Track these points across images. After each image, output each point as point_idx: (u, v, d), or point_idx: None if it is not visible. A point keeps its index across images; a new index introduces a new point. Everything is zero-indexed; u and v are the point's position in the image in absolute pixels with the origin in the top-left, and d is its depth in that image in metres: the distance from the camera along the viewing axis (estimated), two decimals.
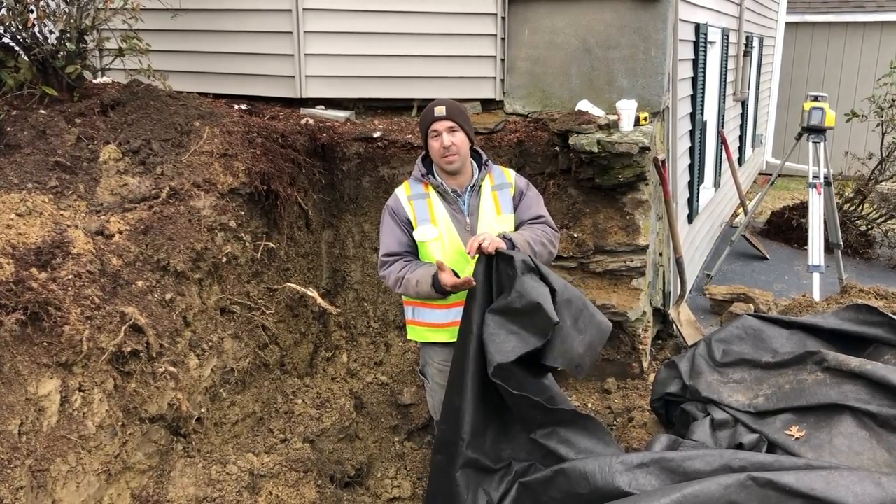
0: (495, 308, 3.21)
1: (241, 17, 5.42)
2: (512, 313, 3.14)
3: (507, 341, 3.10)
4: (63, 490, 2.93)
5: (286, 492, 3.68)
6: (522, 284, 3.12)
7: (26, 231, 3.32)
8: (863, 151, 9.44)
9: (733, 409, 3.62)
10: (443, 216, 3.49)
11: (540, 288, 3.12)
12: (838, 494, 2.57)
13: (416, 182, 3.58)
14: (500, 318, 3.17)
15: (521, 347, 3.07)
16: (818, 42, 14.12)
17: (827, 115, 6.87)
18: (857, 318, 3.90)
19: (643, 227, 5.05)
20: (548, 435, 3.23)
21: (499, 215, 3.55)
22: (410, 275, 3.39)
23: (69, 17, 4.45)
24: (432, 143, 3.44)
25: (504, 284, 3.24)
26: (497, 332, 3.14)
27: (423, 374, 3.83)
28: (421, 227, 3.47)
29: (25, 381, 2.89)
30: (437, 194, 3.52)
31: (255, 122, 4.75)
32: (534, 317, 3.07)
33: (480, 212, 3.52)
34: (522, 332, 3.11)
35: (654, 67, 5.24)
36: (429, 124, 3.43)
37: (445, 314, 3.53)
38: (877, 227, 9.34)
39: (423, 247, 3.49)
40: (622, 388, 5.14)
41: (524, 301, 3.09)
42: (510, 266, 3.20)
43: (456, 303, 3.47)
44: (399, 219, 3.50)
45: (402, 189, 3.59)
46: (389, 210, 3.54)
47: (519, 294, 3.12)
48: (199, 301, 3.84)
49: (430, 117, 3.43)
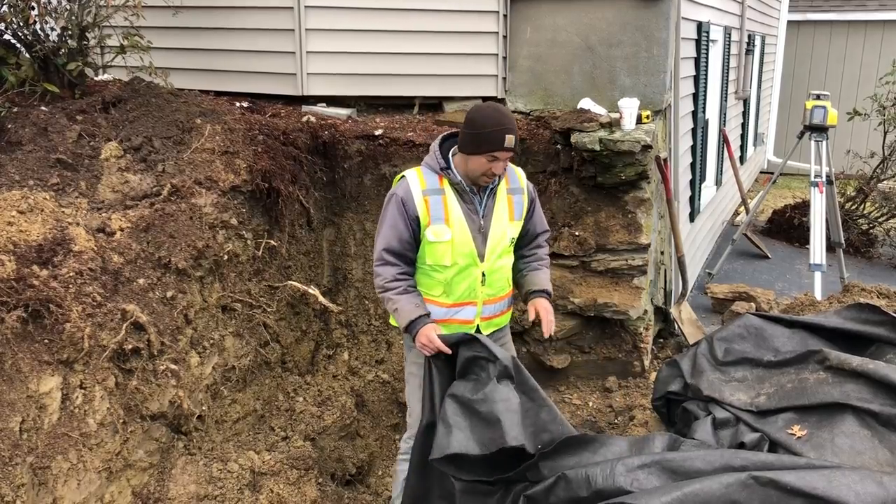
0: (457, 395, 3.11)
1: (242, 14, 5.41)
2: (470, 411, 3.05)
3: (447, 435, 3.00)
4: (64, 487, 2.93)
5: (287, 490, 3.68)
6: (493, 391, 3.04)
7: (28, 228, 3.32)
8: (865, 150, 9.42)
9: (735, 408, 3.61)
10: (457, 216, 3.29)
11: (509, 401, 3.03)
12: (840, 494, 2.56)
13: (431, 173, 3.32)
14: (457, 407, 3.08)
15: (456, 446, 2.97)
16: (820, 40, 14.09)
17: (829, 114, 6.86)
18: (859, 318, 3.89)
19: (645, 226, 5.05)
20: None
21: (511, 221, 3.43)
22: (396, 296, 3.26)
23: (70, 15, 4.45)
24: (484, 162, 3.18)
25: (472, 370, 3.16)
26: (449, 417, 3.04)
27: (406, 358, 3.64)
28: (435, 225, 3.26)
29: (27, 378, 2.89)
30: (453, 191, 3.30)
31: (257, 119, 4.74)
32: (490, 428, 2.99)
33: (495, 214, 3.37)
34: (467, 431, 3.01)
35: (656, 66, 5.23)
36: (494, 149, 3.15)
37: (446, 312, 3.43)
38: (878, 226, 9.33)
39: (432, 247, 3.31)
40: (623, 387, 5.14)
41: (486, 408, 3.01)
42: (489, 362, 3.11)
43: (462, 302, 3.41)
44: (408, 213, 3.25)
45: (416, 179, 3.30)
46: (398, 200, 3.26)
47: (485, 398, 3.03)
48: (201, 299, 3.84)
49: (498, 144, 3.14)
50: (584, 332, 5.21)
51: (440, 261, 3.31)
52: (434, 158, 3.32)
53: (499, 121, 3.14)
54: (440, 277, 3.35)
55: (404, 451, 3.60)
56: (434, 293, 3.40)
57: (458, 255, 3.31)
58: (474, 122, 3.17)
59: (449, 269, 3.33)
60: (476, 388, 3.10)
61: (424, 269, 3.38)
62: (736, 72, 8.85)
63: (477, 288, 3.39)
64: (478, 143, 3.16)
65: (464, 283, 3.37)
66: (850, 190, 9.41)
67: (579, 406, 5.02)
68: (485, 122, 3.14)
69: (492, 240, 3.36)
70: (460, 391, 3.12)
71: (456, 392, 3.13)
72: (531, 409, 3.11)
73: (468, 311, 3.43)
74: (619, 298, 5.03)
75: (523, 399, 3.12)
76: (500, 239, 3.39)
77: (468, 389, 3.11)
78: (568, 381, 5.27)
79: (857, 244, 9.02)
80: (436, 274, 3.35)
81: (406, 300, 3.26)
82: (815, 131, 6.90)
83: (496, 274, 3.43)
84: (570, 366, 5.24)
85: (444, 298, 3.40)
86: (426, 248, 3.31)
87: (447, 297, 3.39)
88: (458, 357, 3.20)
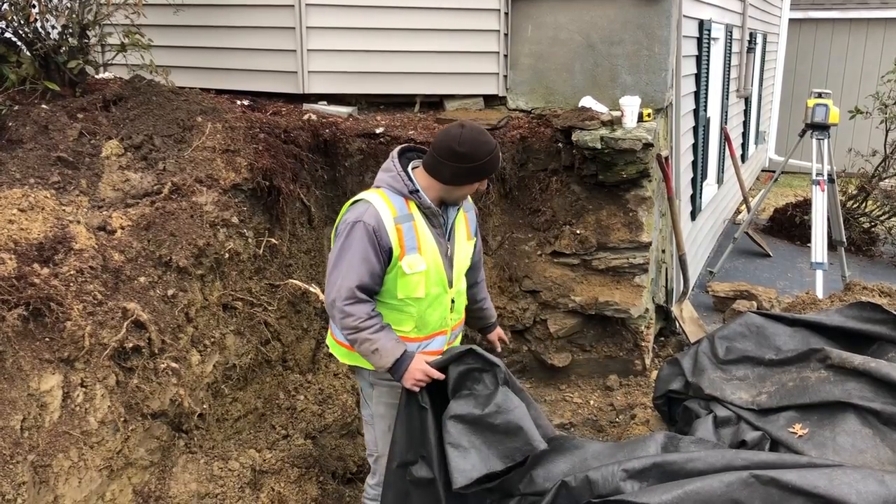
0: (461, 415, 2.96)
1: (243, 12, 5.41)
2: (483, 426, 2.94)
3: (464, 458, 2.90)
4: (65, 486, 2.92)
5: (288, 488, 3.68)
6: (505, 400, 2.93)
7: (28, 226, 3.32)
8: (866, 148, 9.42)
9: (736, 407, 3.61)
10: (430, 244, 3.02)
11: (521, 407, 2.95)
12: (841, 492, 2.56)
13: (397, 197, 2.99)
14: (463, 428, 2.95)
15: (479, 467, 2.90)
16: (822, 39, 14.07)
17: (830, 112, 6.85)
18: (861, 316, 3.88)
19: (646, 224, 5.04)
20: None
21: (468, 240, 3.23)
22: (373, 335, 2.92)
23: (71, 13, 4.44)
24: (475, 187, 3.03)
25: (465, 385, 3.03)
26: (460, 440, 2.93)
27: (366, 399, 3.33)
28: (409, 256, 2.96)
29: (27, 376, 2.89)
30: (422, 216, 3.02)
31: (258, 117, 4.74)
32: (510, 438, 2.92)
33: (456, 235, 3.16)
34: (484, 449, 2.93)
35: (657, 64, 5.22)
36: (490, 173, 3.02)
37: (417, 346, 3.12)
38: (880, 224, 9.32)
39: (405, 280, 3.00)
40: (624, 386, 5.14)
41: (503, 419, 2.91)
42: (487, 372, 3.01)
43: (433, 333, 3.16)
44: (380, 244, 2.91)
45: (384, 205, 2.95)
46: (367, 230, 2.89)
47: (499, 409, 2.91)
48: (202, 297, 3.84)
49: (493, 168, 3.01)
50: (585, 331, 5.21)
51: (413, 293, 3.04)
52: (400, 180, 2.99)
53: (489, 146, 2.95)
54: (413, 311, 3.07)
55: (372, 496, 3.39)
56: (404, 329, 3.09)
57: (431, 285, 3.06)
58: (467, 156, 2.90)
59: (422, 302, 3.07)
60: (480, 402, 2.97)
61: (393, 305, 3.07)
62: (737, 70, 8.84)
63: (447, 316, 3.19)
64: (477, 174, 2.98)
65: (436, 314, 3.14)
66: (852, 188, 9.40)
67: (580, 405, 5.02)
68: (478, 152, 2.91)
69: (457, 263, 3.16)
70: (463, 410, 2.97)
71: (459, 412, 2.97)
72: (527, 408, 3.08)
73: (438, 341, 3.20)
74: (621, 297, 5.03)
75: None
76: (464, 260, 3.22)
77: (472, 406, 2.97)
78: (569, 379, 5.26)
79: (858, 242, 9.02)
80: (408, 308, 3.07)
81: (386, 338, 2.95)
82: (817, 129, 6.90)
83: (461, 297, 3.27)
84: (571, 364, 5.24)
85: (415, 333, 3.12)
86: (398, 282, 3.01)
87: (419, 331, 3.12)
88: (449, 375, 3.05)
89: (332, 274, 2.97)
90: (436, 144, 2.97)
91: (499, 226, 5.33)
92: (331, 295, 2.96)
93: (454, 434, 2.93)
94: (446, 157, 2.92)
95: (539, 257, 5.23)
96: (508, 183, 5.26)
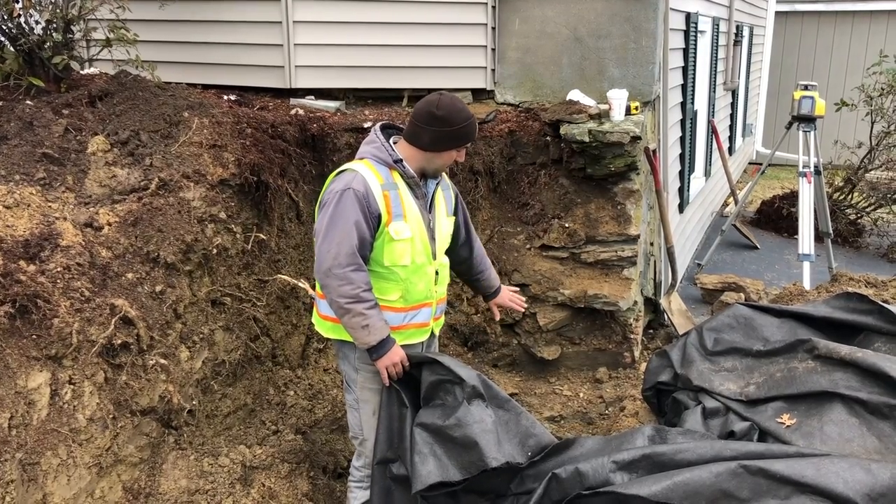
0: (426, 423, 3.04)
1: (229, 7, 5.38)
2: (443, 437, 3.00)
3: (424, 464, 2.95)
4: (54, 483, 2.91)
5: (279, 483, 3.67)
6: (466, 414, 2.98)
7: (14, 223, 3.29)
8: (852, 140, 9.47)
9: (724, 398, 3.62)
10: (414, 212, 3.10)
11: (483, 422, 2.98)
12: (829, 481, 2.58)
13: (382, 166, 3.07)
14: (427, 436, 3.02)
15: (436, 474, 2.94)
16: (808, 31, 14.14)
17: (817, 105, 6.89)
18: (848, 307, 3.90)
19: (634, 217, 5.06)
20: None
21: (447, 216, 3.31)
22: (369, 311, 2.97)
23: (55, 7, 4.40)
24: (454, 154, 3.11)
25: (437, 395, 3.11)
26: (422, 447, 2.99)
27: (349, 384, 3.34)
28: (395, 223, 3.03)
29: (15, 374, 2.87)
30: (406, 185, 3.10)
31: (245, 112, 4.71)
32: (467, 452, 2.96)
33: (437, 209, 3.24)
34: (444, 459, 2.97)
35: (644, 57, 5.23)
36: (468, 140, 3.10)
37: (403, 317, 3.20)
38: (866, 215, 9.39)
39: (391, 247, 3.06)
40: (614, 378, 5.16)
41: (460, 432, 2.96)
42: (455, 384, 3.06)
43: (419, 304, 3.22)
44: (370, 210, 2.97)
45: (371, 174, 3.02)
46: (357, 195, 2.94)
47: (458, 423, 2.97)
48: (190, 293, 3.82)
49: (472, 135, 3.09)
50: (575, 324, 5.22)
51: (399, 261, 3.09)
52: (384, 150, 3.08)
53: (466, 112, 3.05)
54: (399, 279, 3.12)
55: (358, 478, 3.43)
56: (390, 298, 3.14)
57: (416, 254, 3.13)
58: (445, 119, 2.99)
59: (408, 269, 3.13)
60: (445, 413, 3.04)
61: (380, 273, 3.11)
62: (724, 63, 8.87)
63: (432, 287, 3.25)
64: (455, 139, 3.05)
65: (421, 283, 3.19)
66: (839, 180, 9.46)
67: (570, 397, 5.03)
68: (456, 117, 3.01)
69: (439, 236, 3.24)
70: (429, 419, 3.05)
71: (425, 421, 3.05)
72: (511, 420, 3.09)
73: (424, 313, 3.26)
74: (610, 289, 5.04)
75: (499, 413, 3.08)
76: (446, 235, 3.30)
77: (437, 416, 3.05)
78: (559, 372, 5.28)
79: (845, 234, 9.08)
80: (393, 276, 3.12)
81: (377, 316, 3.01)
82: (804, 122, 6.93)
83: (444, 270, 3.33)
84: (560, 357, 5.25)
85: (400, 303, 3.17)
86: (385, 248, 3.06)
87: (405, 301, 3.18)
88: (423, 382, 3.13)
89: (324, 242, 2.97)
90: (415, 112, 3.07)
91: (488, 220, 5.34)
92: (325, 263, 2.95)
93: (418, 441, 3.02)
94: (425, 122, 3.02)
95: (528, 251, 5.23)
96: (497, 177, 5.26)
